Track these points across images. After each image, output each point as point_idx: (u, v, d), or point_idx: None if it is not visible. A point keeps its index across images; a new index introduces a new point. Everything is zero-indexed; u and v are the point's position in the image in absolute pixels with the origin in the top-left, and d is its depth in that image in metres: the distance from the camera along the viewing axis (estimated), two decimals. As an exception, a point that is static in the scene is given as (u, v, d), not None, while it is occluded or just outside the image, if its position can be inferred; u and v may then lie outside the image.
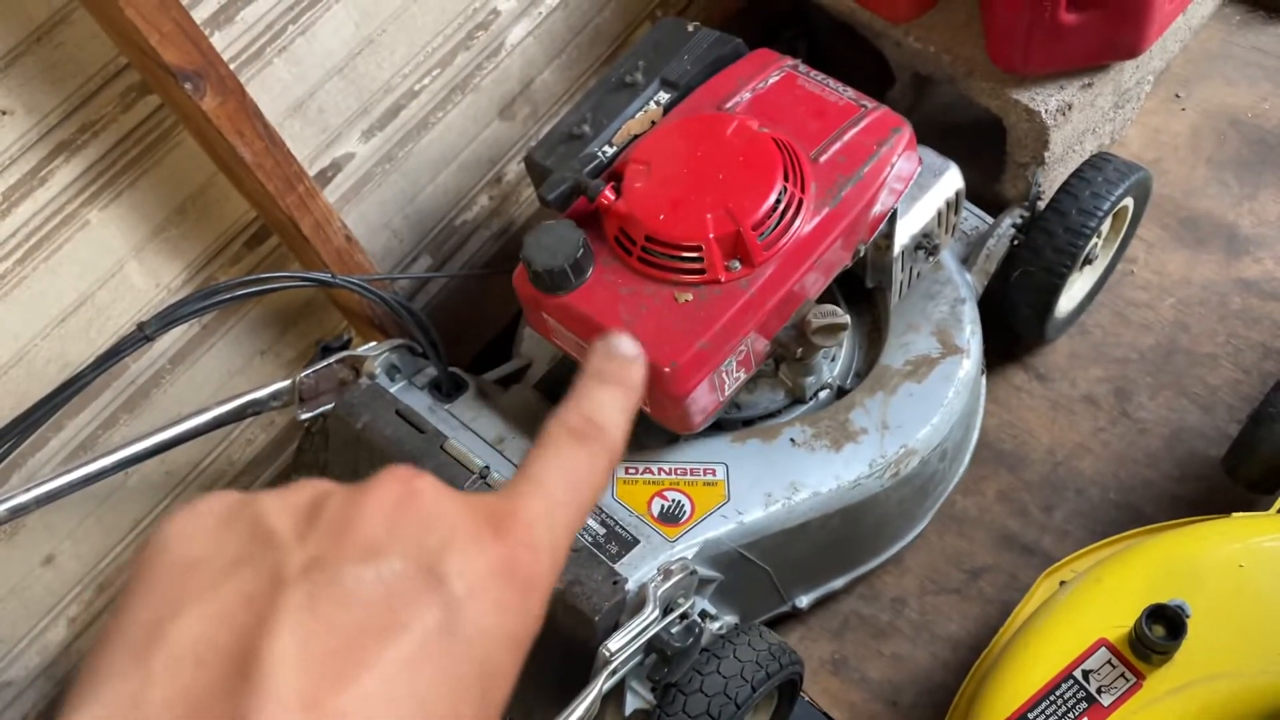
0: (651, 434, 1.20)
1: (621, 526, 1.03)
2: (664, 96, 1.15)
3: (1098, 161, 1.27)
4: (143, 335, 0.94)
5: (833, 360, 1.21)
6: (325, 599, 0.25)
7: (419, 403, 1.12)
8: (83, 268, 1.02)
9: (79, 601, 1.23)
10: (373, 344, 1.15)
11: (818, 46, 1.61)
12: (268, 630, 0.24)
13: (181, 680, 0.24)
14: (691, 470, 1.08)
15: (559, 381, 1.25)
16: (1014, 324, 1.33)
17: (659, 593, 0.94)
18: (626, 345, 0.34)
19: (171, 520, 0.28)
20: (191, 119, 0.98)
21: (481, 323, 1.54)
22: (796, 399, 1.18)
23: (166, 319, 0.93)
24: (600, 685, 0.89)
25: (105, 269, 1.05)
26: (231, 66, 0.98)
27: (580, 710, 0.87)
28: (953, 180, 1.16)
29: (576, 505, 0.31)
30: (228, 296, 0.98)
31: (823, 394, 1.20)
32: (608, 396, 0.33)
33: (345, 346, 1.13)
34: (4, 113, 0.90)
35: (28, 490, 0.93)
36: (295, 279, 1.02)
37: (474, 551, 0.27)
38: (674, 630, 0.94)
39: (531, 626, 0.28)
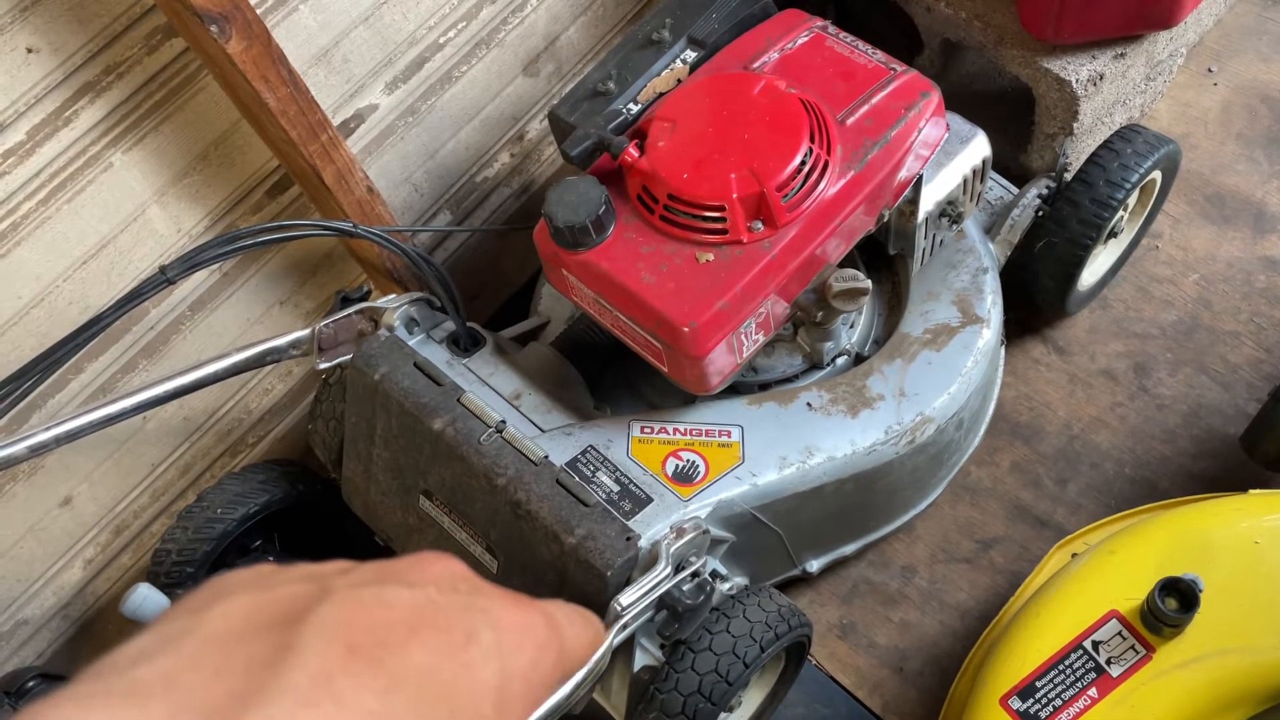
0: (667, 395, 1.20)
1: (636, 484, 1.03)
2: (690, 55, 1.14)
3: (1127, 133, 1.25)
4: (164, 278, 0.94)
5: (851, 326, 1.21)
6: (367, 599, 0.27)
7: (437, 356, 1.13)
8: (105, 210, 1.02)
9: (95, 544, 1.25)
10: (392, 296, 1.15)
11: (846, 11, 1.59)
12: (311, 608, 0.26)
13: (229, 623, 0.26)
14: (707, 431, 1.08)
15: (576, 340, 1.25)
16: (1035, 296, 1.32)
17: (671, 550, 0.94)
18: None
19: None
20: (216, 63, 0.97)
21: (499, 280, 1.54)
22: (814, 364, 1.18)
23: (189, 262, 0.93)
24: (611, 639, 0.89)
25: (127, 212, 1.05)
26: (258, 11, 0.97)
27: (590, 663, 0.87)
28: (980, 148, 1.15)
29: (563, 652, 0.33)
30: (250, 243, 0.98)
31: (840, 360, 1.19)
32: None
33: (364, 298, 1.13)
34: (30, 50, 0.89)
35: (47, 429, 0.93)
36: (317, 227, 1.02)
37: (503, 603, 0.30)
38: (685, 588, 0.94)
39: (547, 682, 0.31)
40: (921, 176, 1.09)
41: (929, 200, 1.12)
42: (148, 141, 1.02)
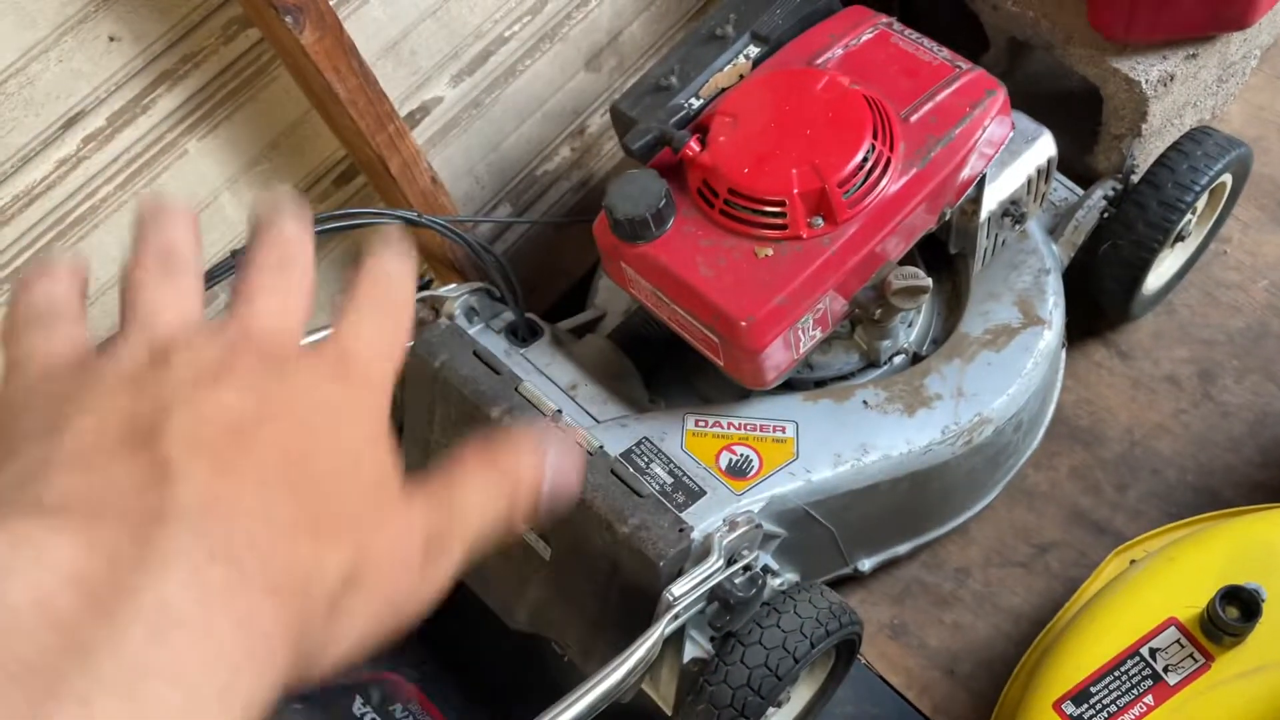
0: (722, 389, 1.20)
1: (689, 477, 1.04)
2: (753, 50, 1.14)
3: (1197, 135, 1.23)
4: (235, 262, 0.96)
5: (910, 326, 1.20)
6: (208, 405, 0.27)
7: (495, 345, 1.14)
8: (180, 196, 1.05)
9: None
10: (453, 285, 1.16)
11: (911, 9, 1.58)
12: (162, 425, 0.26)
13: (88, 440, 0.26)
14: (761, 426, 1.09)
15: (631, 333, 1.26)
16: (1099, 299, 1.31)
17: (724, 543, 0.94)
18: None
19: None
20: (289, 53, 1.00)
21: (557, 273, 1.55)
22: (870, 362, 1.18)
23: (258, 248, 0.96)
24: (662, 629, 0.90)
25: (200, 199, 1.08)
26: (330, 3, 0.99)
27: (641, 652, 0.88)
28: (1045, 147, 1.14)
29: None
30: (319, 229, 1.00)
31: (897, 359, 1.19)
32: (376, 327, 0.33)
33: (426, 287, 1.15)
34: (112, 39, 0.92)
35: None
36: (383, 215, 1.04)
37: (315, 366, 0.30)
38: (737, 580, 0.95)
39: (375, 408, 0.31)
40: (985, 175, 1.08)
41: (992, 199, 1.11)
42: (221, 130, 1.05)
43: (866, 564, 1.19)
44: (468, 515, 0.32)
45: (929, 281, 1.01)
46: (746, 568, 0.96)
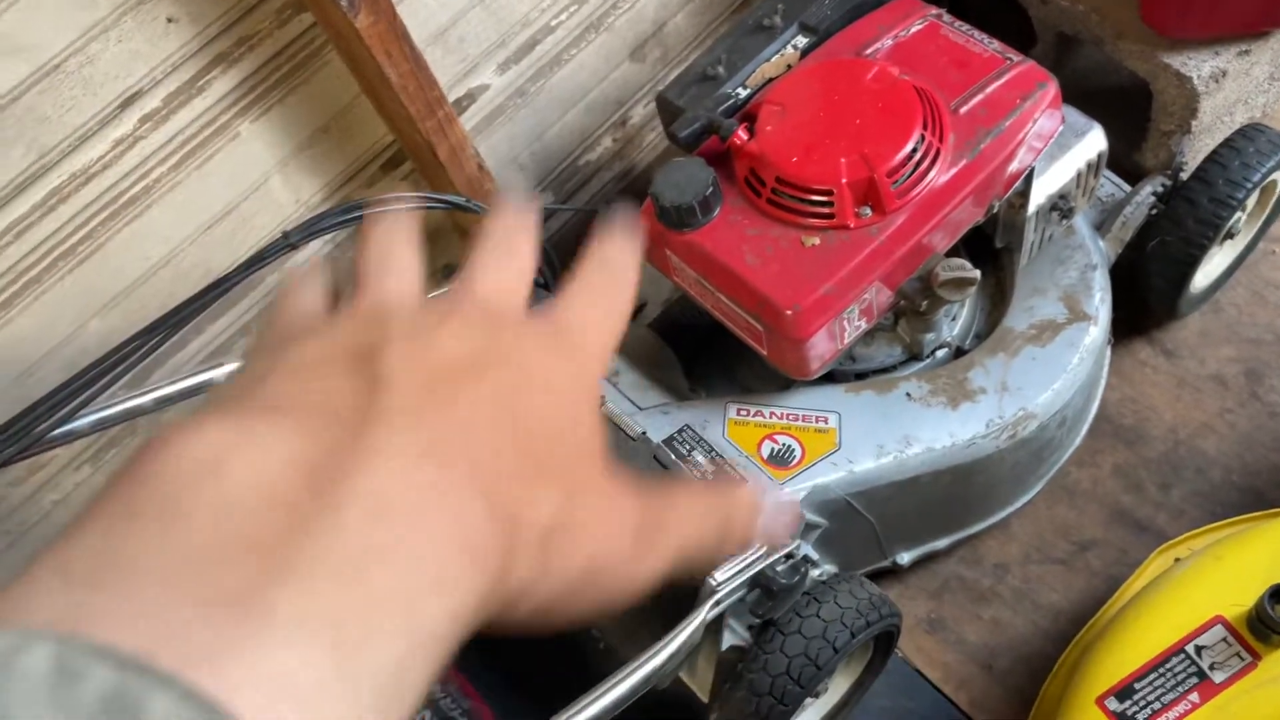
0: (763, 379, 1.20)
1: (731, 466, 1.04)
2: (801, 41, 1.14)
3: (1250, 132, 1.22)
4: (287, 243, 0.97)
5: (953, 319, 1.19)
6: (426, 343, 0.28)
7: (539, 331, 1.15)
8: (231, 177, 1.07)
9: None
10: (497, 271, 1.17)
11: (958, 2, 1.57)
12: (381, 349, 0.28)
13: (306, 357, 0.28)
14: (803, 416, 1.09)
15: (672, 322, 1.26)
16: (1145, 296, 1.29)
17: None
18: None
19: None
20: (343, 37, 1.01)
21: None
22: (913, 355, 1.17)
23: (311, 228, 0.97)
24: (704, 614, 0.90)
25: (251, 181, 1.09)
26: (383, -13, 1.00)
27: (683, 637, 0.88)
28: (1095, 142, 1.13)
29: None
30: (369, 212, 1.00)
31: (940, 352, 1.18)
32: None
33: (470, 272, 1.16)
34: (170, 20, 0.94)
35: (173, 383, 0.97)
36: (432, 199, 1.05)
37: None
38: (779, 568, 0.95)
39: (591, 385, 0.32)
40: (1034, 169, 1.08)
41: (1040, 193, 1.10)
42: (274, 113, 1.06)
43: (905, 557, 1.18)
44: (680, 524, 0.32)
45: (977, 273, 1.00)
46: (789, 555, 0.95)
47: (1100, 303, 1.16)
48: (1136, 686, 0.92)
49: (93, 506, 0.23)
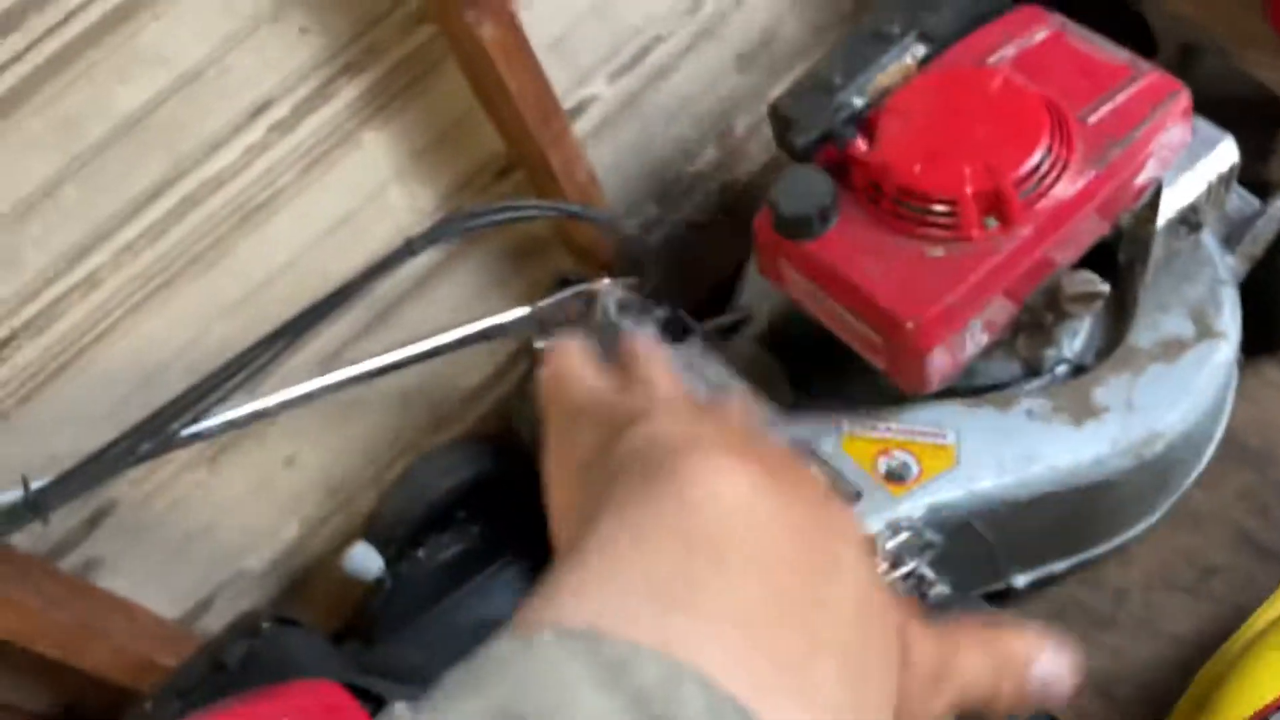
0: (874, 394, 1.18)
1: (845, 479, 1.02)
2: (920, 50, 1.12)
3: (1391, 144, 1.16)
4: (410, 250, 0.99)
5: (1074, 335, 1.16)
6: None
7: (648, 342, 1.14)
8: (352, 185, 1.08)
9: (312, 503, 1.32)
10: (607, 281, 1.17)
11: (1074, 12, 1.53)
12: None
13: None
14: (920, 432, 1.06)
15: (780, 334, 1.25)
16: (1274, 313, 1.24)
17: (888, 546, 0.92)
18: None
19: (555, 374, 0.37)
20: (464, 48, 1.02)
21: (700, 273, 1.55)
22: (1032, 371, 1.14)
23: (433, 236, 0.98)
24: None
25: (370, 189, 1.10)
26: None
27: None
28: (1227, 154, 1.09)
29: None
30: (487, 220, 1.02)
31: (1060, 369, 1.15)
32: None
33: (582, 281, 1.16)
34: (303, 30, 0.96)
35: (294, 389, 0.99)
36: (550, 207, 1.06)
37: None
38: (899, 587, 0.93)
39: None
40: (1162, 181, 1.04)
41: (1169, 206, 1.07)
42: (394, 121, 1.08)
43: (1021, 580, 1.15)
44: (960, 670, 0.32)
45: (1106, 287, 0.98)
46: (909, 574, 0.93)
47: (1230, 320, 1.12)
48: (1275, 722, 0.88)
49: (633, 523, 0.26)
